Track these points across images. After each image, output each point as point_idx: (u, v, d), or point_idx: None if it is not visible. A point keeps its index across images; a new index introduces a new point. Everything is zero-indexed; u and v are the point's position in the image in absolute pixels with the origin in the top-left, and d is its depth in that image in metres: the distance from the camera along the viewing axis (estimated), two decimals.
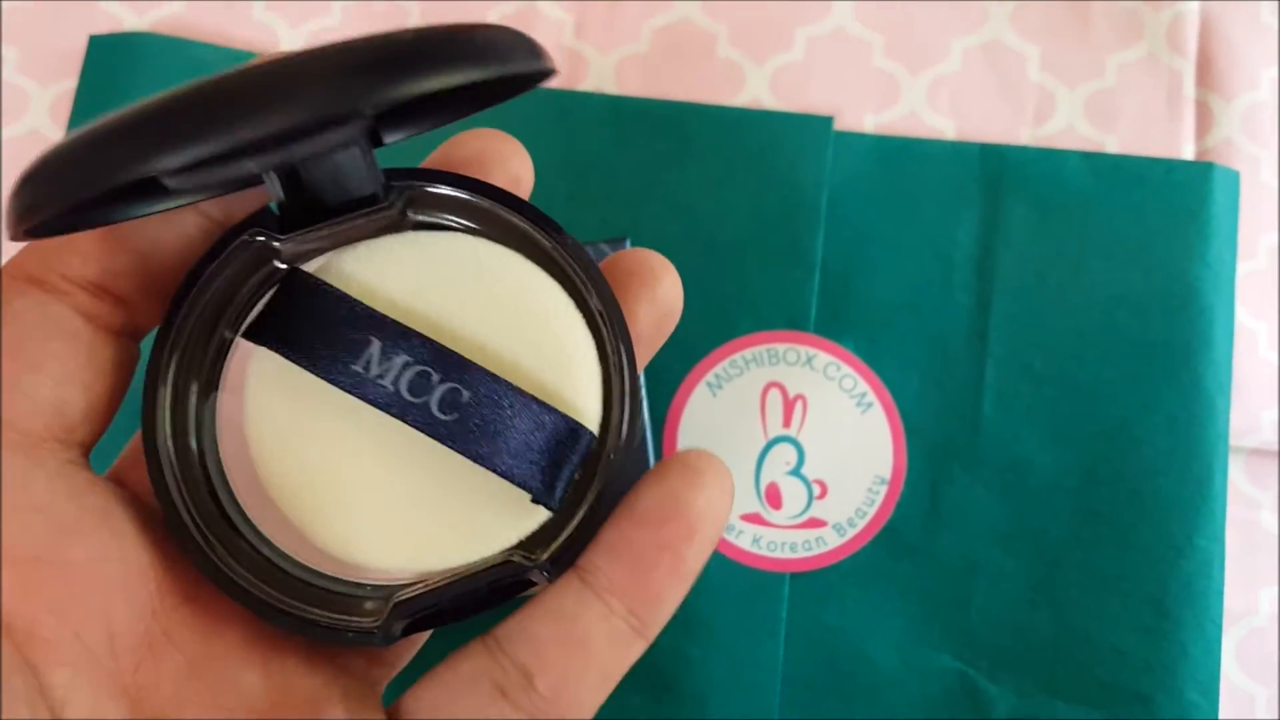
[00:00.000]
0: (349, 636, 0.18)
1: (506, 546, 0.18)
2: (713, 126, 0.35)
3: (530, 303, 0.18)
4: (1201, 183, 0.34)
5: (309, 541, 0.18)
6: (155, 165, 0.14)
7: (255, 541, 0.18)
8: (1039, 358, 0.33)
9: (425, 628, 0.18)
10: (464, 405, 0.17)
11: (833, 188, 0.34)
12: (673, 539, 0.18)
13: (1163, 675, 0.31)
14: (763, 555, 0.32)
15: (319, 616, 0.18)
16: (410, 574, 0.18)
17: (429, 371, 0.17)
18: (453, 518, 0.18)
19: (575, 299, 0.19)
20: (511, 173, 0.20)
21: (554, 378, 0.18)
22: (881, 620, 0.32)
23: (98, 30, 0.36)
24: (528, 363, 0.18)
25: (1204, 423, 0.32)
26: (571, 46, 0.36)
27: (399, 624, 0.18)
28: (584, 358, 0.18)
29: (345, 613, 0.18)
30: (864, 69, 0.36)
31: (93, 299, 0.17)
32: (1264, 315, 0.34)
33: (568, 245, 0.19)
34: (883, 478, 0.32)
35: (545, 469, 0.17)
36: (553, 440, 0.17)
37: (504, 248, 0.19)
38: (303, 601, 0.18)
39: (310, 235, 0.18)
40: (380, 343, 0.17)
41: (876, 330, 0.33)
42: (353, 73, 0.14)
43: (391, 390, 0.17)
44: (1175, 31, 0.36)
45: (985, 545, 0.32)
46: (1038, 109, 0.36)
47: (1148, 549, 0.31)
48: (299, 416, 0.18)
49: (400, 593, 0.18)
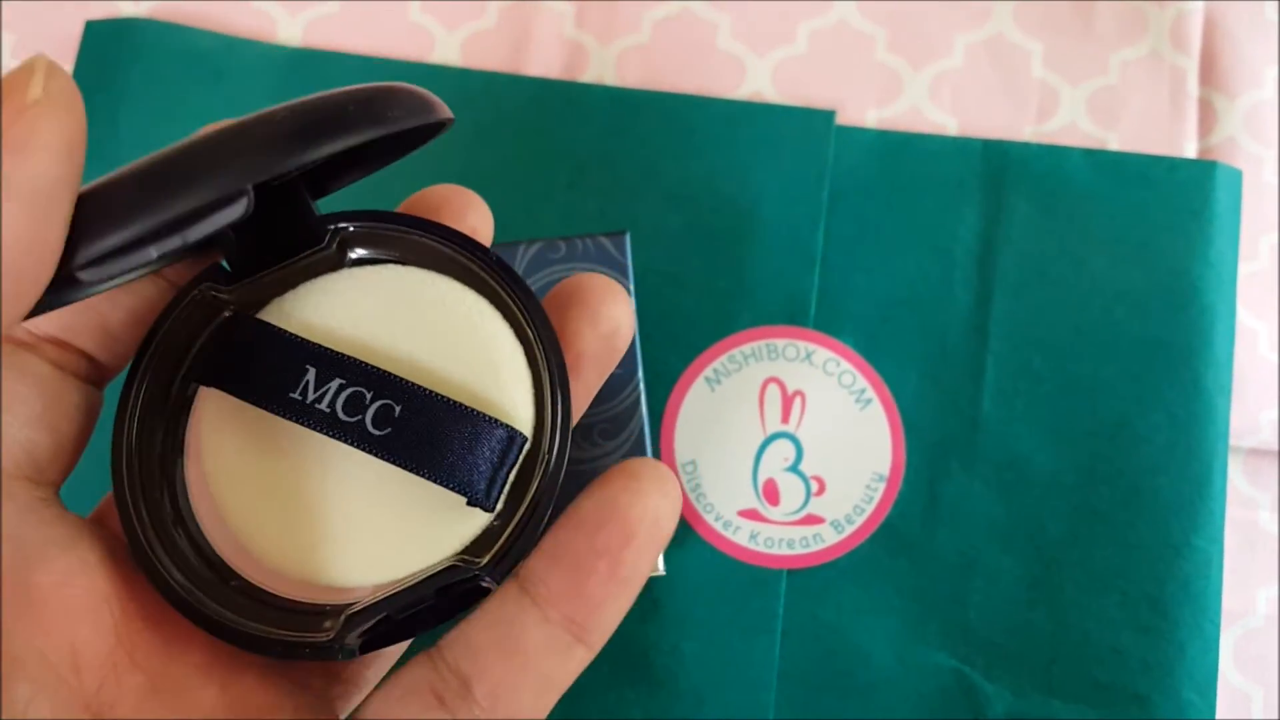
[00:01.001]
0: (306, 652, 0.18)
1: (451, 553, 0.19)
2: (713, 119, 0.35)
3: (456, 319, 0.20)
4: (1204, 181, 0.34)
5: (265, 566, 0.19)
6: (66, 267, 0.15)
7: (218, 570, 0.19)
8: (1039, 355, 0.33)
9: (382, 642, 0.19)
10: (397, 419, 0.18)
11: (834, 182, 0.34)
12: (609, 544, 0.18)
13: (1160, 675, 0.31)
14: (760, 551, 0.32)
15: (278, 636, 0.18)
16: (367, 589, 0.19)
17: (362, 392, 0.18)
18: (397, 529, 0.19)
19: (502, 310, 0.20)
20: (469, 224, 0.21)
21: (483, 386, 0.19)
22: (878, 617, 0.31)
23: (95, 16, 0.35)
24: (458, 374, 0.19)
25: (1203, 422, 0.32)
26: (572, 38, 0.36)
27: (354, 637, 0.18)
28: (512, 364, 0.20)
29: (304, 631, 0.18)
30: (866, 63, 0.36)
31: (57, 349, 0.19)
32: (1265, 315, 0.34)
33: (491, 262, 0.20)
34: (881, 474, 0.32)
35: (480, 473, 0.18)
36: (485, 444, 0.18)
37: (431, 272, 0.20)
38: (261, 622, 0.18)
39: (255, 283, 0.20)
40: (315, 370, 0.18)
41: (876, 326, 0.33)
42: (236, 154, 0.16)
43: (327, 412, 0.18)
44: (1179, 29, 0.36)
45: (983, 543, 0.32)
46: (1040, 106, 0.36)
47: (1146, 548, 0.31)
48: (248, 448, 0.19)
49: (353, 607, 0.19)
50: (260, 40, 0.35)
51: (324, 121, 0.17)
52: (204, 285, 0.20)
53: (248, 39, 0.35)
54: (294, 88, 0.35)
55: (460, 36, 0.36)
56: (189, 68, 0.35)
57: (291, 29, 0.36)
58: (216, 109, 0.34)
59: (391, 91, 0.18)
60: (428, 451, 0.18)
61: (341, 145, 0.16)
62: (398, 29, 0.36)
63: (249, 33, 0.36)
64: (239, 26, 0.36)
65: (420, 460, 0.18)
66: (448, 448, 0.18)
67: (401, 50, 0.36)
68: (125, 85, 0.34)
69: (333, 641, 0.18)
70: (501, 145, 0.35)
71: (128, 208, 0.15)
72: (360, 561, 0.19)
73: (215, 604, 0.18)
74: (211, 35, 0.35)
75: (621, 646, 0.31)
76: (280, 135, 0.16)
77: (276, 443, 0.19)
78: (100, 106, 0.34)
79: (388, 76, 0.35)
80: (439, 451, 0.18)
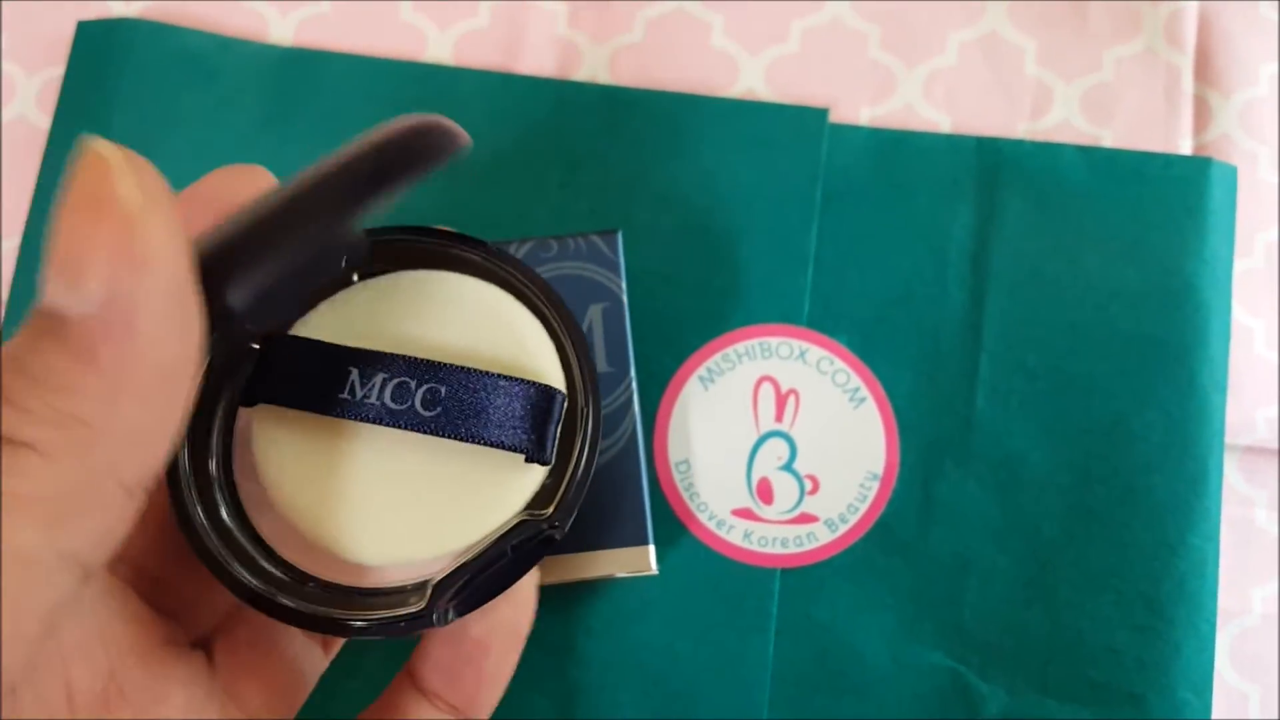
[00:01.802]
0: (402, 625, 0.20)
1: (515, 511, 0.20)
2: (707, 118, 0.35)
3: (475, 307, 0.21)
4: (1199, 178, 0.34)
5: (351, 559, 0.20)
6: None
7: (294, 574, 0.20)
8: (1033, 353, 0.33)
9: (472, 604, 0.20)
10: (444, 399, 0.20)
11: (827, 181, 0.34)
12: (472, 654, 0.21)
13: (1155, 674, 0.30)
14: (754, 550, 0.32)
15: (374, 618, 0.20)
16: (444, 562, 0.20)
17: (406, 381, 0.20)
18: (462, 498, 0.20)
19: (513, 293, 0.22)
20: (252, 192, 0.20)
21: (514, 358, 0.21)
22: (873, 617, 0.31)
23: (86, 16, 0.35)
24: (489, 353, 0.21)
25: (1199, 420, 0.32)
26: (565, 36, 0.36)
27: (447, 604, 0.20)
28: (536, 338, 0.21)
29: (395, 609, 0.20)
30: (860, 61, 0.36)
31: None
32: (1261, 313, 0.34)
33: (492, 253, 0.22)
34: (875, 473, 0.32)
35: (530, 431, 0.20)
36: (529, 405, 0.20)
37: (441, 271, 0.22)
38: (350, 609, 0.20)
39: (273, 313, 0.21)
40: (357, 370, 0.20)
41: (870, 325, 0.33)
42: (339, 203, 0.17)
43: (378, 405, 0.20)
44: (1173, 26, 0.36)
45: (978, 542, 0.32)
46: (1034, 103, 0.36)
47: (1141, 546, 0.31)
48: (306, 453, 0.20)
49: (435, 577, 0.20)
50: (252, 40, 0.35)
51: (393, 165, 0.18)
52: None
53: (240, 39, 0.35)
54: (286, 87, 0.35)
55: (452, 35, 0.36)
56: (181, 68, 0.35)
57: (283, 29, 0.36)
58: (209, 109, 0.34)
59: (429, 128, 0.18)
60: (479, 422, 0.20)
61: (406, 186, 0.18)
62: (390, 28, 0.36)
63: (241, 32, 0.36)
64: (231, 26, 0.36)
65: (474, 431, 0.20)
66: (497, 415, 0.20)
67: (393, 49, 0.36)
68: (117, 85, 0.34)
69: (426, 610, 0.19)
70: (494, 144, 0.35)
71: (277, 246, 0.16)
72: (434, 535, 0.20)
73: (304, 602, 0.20)
74: (203, 35, 0.35)
75: (614, 646, 0.31)
76: (359, 181, 0.17)
77: (332, 444, 0.20)
78: (93, 107, 0.34)
79: (380, 76, 0.35)
80: (490, 418, 0.20)
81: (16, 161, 0.34)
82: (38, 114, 0.35)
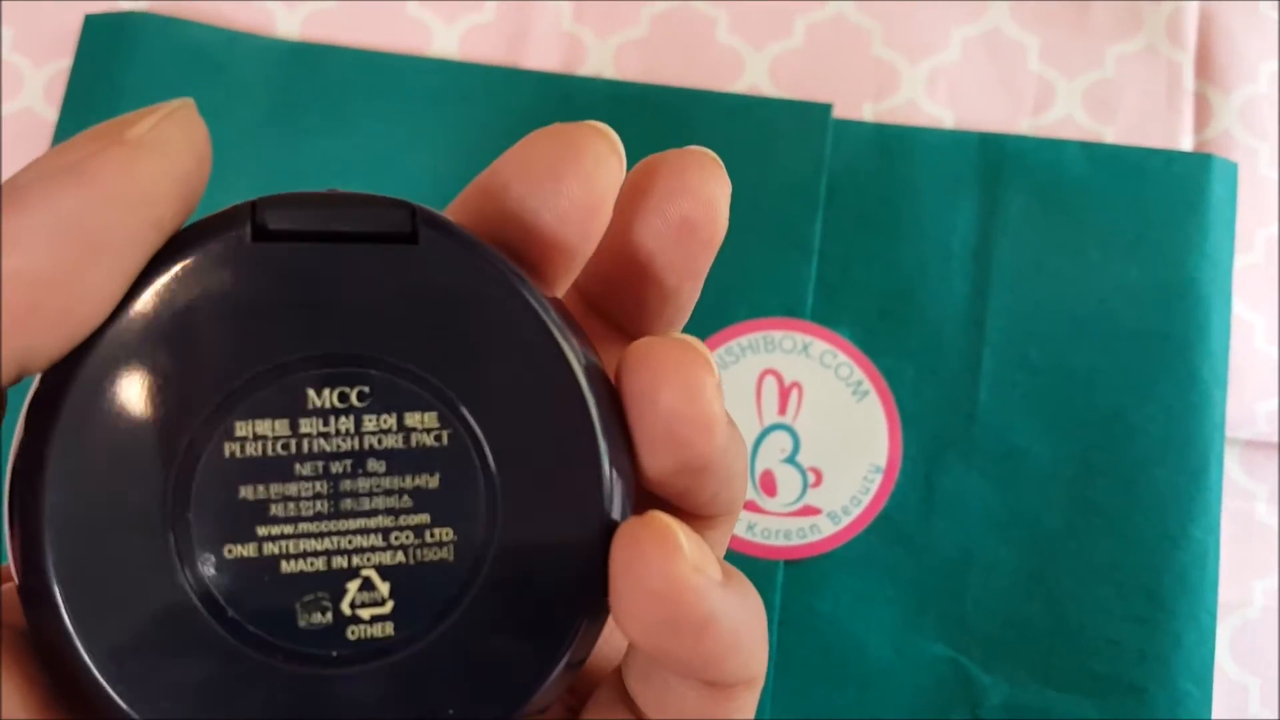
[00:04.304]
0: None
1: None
2: (711, 113, 0.35)
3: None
4: (1200, 174, 0.34)
5: None
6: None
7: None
8: (1036, 347, 0.33)
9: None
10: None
11: (831, 176, 0.34)
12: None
13: (1156, 666, 0.31)
14: (757, 542, 0.32)
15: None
16: None
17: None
18: None
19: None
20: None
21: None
22: (875, 609, 0.31)
23: (94, 9, 0.35)
24: None
25: (1200, 414, 0.32)
26: (570, 31, 0.36)
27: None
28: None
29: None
30: (863, 57, 0.36)
31: None
32: (1261, 307, 0.34)
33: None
34: (878, 466, 0.32)
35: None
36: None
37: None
38: None
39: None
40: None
41: (873, 318, 0.33)
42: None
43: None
44: (1175, 24, 0.36)
45: (980, 534, 0.32)
46: (1036, 99, 0.36)
47: (1143, 539, 0.31)
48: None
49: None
50: (259, 34, 0.36)
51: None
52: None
53: (246, 33, 0.35)
54: (292, 81, 0.35)
55: (458, 30, 0.36)
56: (188, 61, 0.35)
57: (290, 23, 0.36)
58: (216, 102, 0.35)
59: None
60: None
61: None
62: (395, 22, 0.36)
63: (247, 26, 0.36)
64: (237, 20, 0.36)
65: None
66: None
67: (399, 44, 0.36)
68: (124, 79, 0.35)
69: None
70: (499, 139, 0.35)
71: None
72: None
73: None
74: (210, 29, 0.35)
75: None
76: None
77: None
78: (99, 100, 0.34)
79: (386, 71, 0.35)
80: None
81: (25, 153, 0.34)
82: (45, 106, 0.35)
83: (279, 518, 0.12)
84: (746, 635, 0.14)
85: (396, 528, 0.13)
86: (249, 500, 0.12)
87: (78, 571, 0.12)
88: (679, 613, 0.13)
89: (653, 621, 0.13)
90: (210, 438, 0.12)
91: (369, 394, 0.13)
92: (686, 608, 0.13)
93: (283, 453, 0.13)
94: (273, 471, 0.12)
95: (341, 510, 0.13)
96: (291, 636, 0.12)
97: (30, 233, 0.12)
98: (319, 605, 0.12)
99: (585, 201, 0.14)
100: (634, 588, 0.13)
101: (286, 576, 0.12)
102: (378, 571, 0.13)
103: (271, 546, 0.12)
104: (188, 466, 0.12)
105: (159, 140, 0.13)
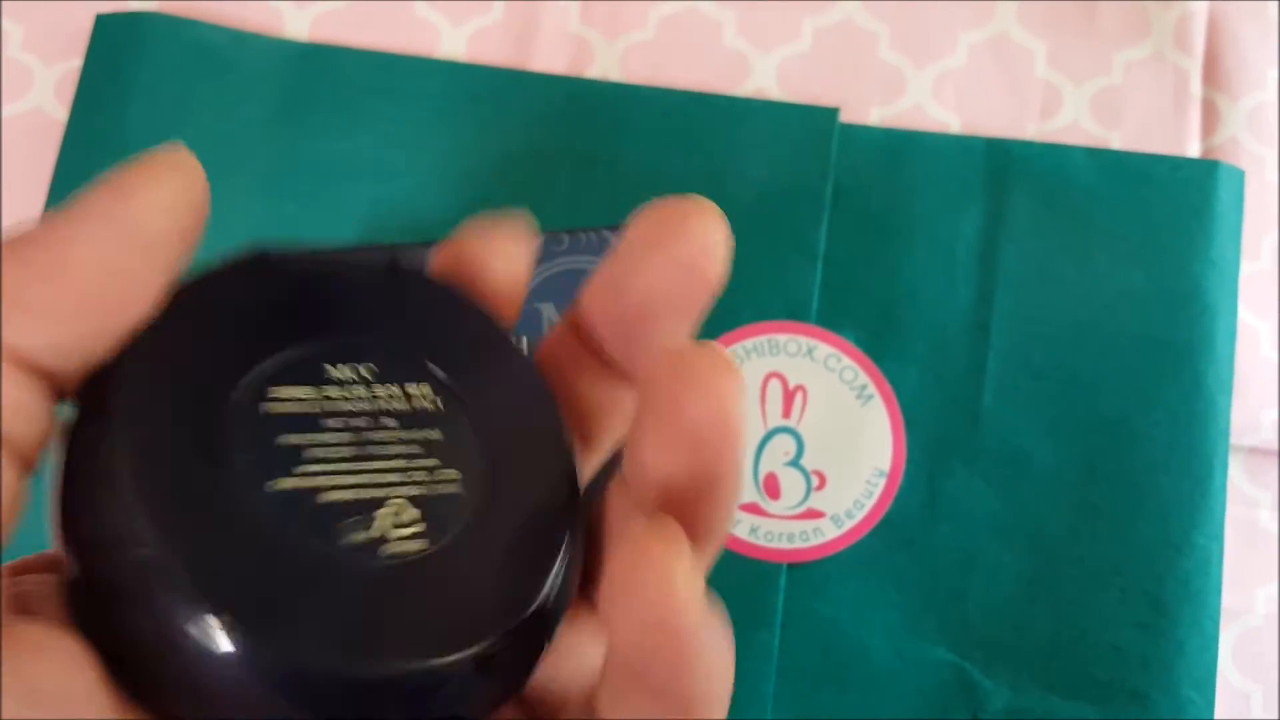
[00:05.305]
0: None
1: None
2: (718, 116, 0.35)
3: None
4: (1206, 180, 0.34)
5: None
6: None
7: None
8: (1040, 352, 0.33)
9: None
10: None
11: (837, 180, 0.34)
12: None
13: (1159, 672, 0.31)
14: (760, 545, 0.32)
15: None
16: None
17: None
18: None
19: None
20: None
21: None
22: (878, 612, 0.32)
23: (105, 9, 0.36)
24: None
25: (1205, 420, 0.32)
26: (577, 33, 0.36)
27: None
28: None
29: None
30: (870, 61, 0.36)
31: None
32: (1266, 315, 0.34)
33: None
34: (882, 470, 0.32)
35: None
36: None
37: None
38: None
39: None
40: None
41: (878, 322, 0.33)
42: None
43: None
44: (1182, 30, 0.36)
45: (983, 539, 0.32)
46: (1043, 105, 0.36)
47: (1146, 545, 0.31)
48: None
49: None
50: (268, 35, 0.36)
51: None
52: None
53: (256, 33, 0.36)
54: (301, 82, 0.35)
55: (466, 32, 0.36)
56: (197, 61, 0.35)
57: (299, 23, 0.36)
58: (224, 102, 0.35)
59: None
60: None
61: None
62: (404, 24, 0.36)
63: (257, 27, 0.36)
64: (247, 21, 0.36)
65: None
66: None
67: (407, 45, 0.36)
68: (134, 78, 0.35)
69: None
70: (506, 140, 0.35)
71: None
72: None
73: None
74: (220, 29, 0.36)
75: None
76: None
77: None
78: (109, 99, 0.35)
79: (393, 72, 0.35)
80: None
81: (34, 152, 0.35)
82: (55, 105, 0.35)
83: (316, 458, 0.15)
84: (719, 667, 0.15)
85: (413, 468, 0.15)
86: (287, 445, 0.14)
87: (165, 493, 0.13)
88: (672, 616, 0.13)
89: (644, 621, 0.14)
90: (251, 399, 0.15)
91: (376, 370, 0.16)
92: (679, 613, 0.14)
93: (314, 410, 0.15)
94: (307, 425, 0.15)
95: (367, 454, 0.15)
96: (338, 550, 0.14)
97: (91, 227, 0.13)
98: (360, 525, 0.14)
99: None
100: (634, 588, 0.14)
101: (326, 505, 0.14)
102: (406, 500, 0.15)
103: (311, 481, 0.14)
104: (233, 419, 0.14)
105: (168, 160, 0.14)
